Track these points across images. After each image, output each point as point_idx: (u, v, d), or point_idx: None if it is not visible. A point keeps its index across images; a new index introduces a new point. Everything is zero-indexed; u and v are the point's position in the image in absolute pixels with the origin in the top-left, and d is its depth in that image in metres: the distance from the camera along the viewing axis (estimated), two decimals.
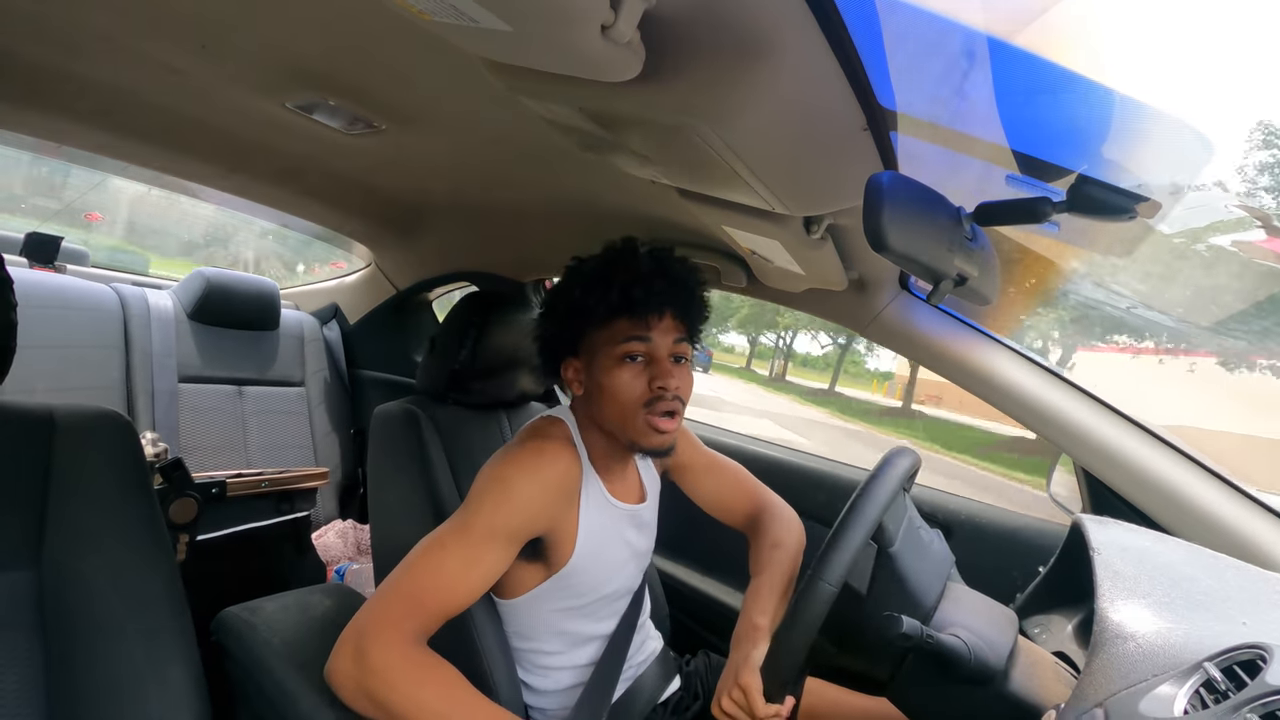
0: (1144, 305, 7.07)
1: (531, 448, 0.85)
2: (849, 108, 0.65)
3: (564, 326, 0.90)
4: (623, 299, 0.84)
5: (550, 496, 0.83)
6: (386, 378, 2.16)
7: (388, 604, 0.74)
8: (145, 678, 0.71)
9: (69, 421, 0.76)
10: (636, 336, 0.85)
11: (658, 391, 0.84)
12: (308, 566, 1.69)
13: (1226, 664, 0.50)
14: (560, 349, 0.92)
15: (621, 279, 0.84)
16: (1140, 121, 0.79)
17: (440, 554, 0.78)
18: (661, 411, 0.84)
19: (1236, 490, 0.95)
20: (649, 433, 0.85)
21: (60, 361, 1.58)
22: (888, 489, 0.73)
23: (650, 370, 0.85)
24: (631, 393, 0.84)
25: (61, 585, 0.70)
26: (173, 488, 1.29)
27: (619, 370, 0.85)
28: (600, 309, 0.85)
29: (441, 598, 0.76)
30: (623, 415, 0.85)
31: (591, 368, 0.88)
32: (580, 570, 0.89)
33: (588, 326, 0.88)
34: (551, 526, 0.86)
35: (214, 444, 1.80)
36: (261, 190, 1.59)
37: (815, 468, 1.49)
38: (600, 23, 0.49)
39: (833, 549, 0.69)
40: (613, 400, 0.85)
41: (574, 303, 0.87)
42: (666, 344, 0.86)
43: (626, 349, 0.85)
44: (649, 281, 0.84)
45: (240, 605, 0.96)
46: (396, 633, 0.72)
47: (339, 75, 0.90)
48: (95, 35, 0.89)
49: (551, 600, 0.90)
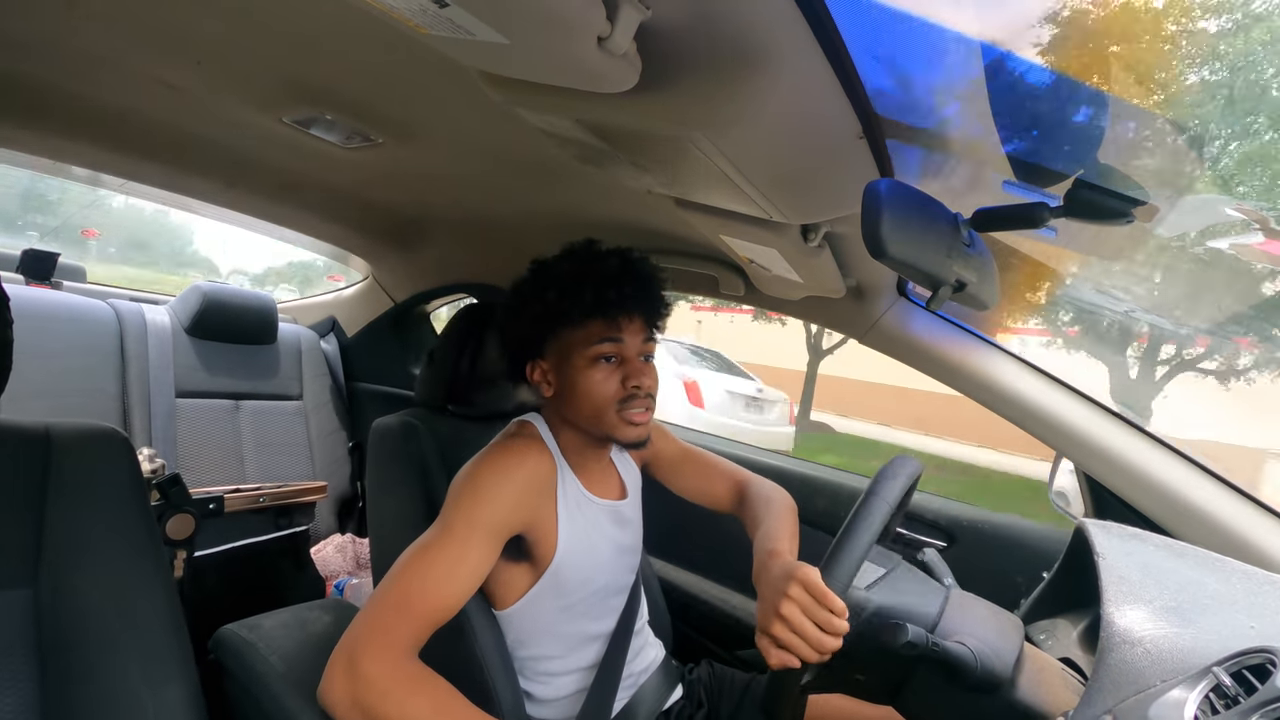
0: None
1: (499, 448, 0.88)
2: (845, 116, 0.66)
3: (532, 329, 0.90)
4: (597, 301, 0.86)
5: (522, 489, 0.84)
6: (384, 390, 2.15)
7: (376, 616, 0.74)
8: (142, 696, 0.70)
9: (66, 438, 0.75)
10: (609, 338, 0.87)
11: (632, 390, 0.87)
12: (306, 581, 1.68)
13: (1236, 668, 0.49)
14: (526, 351, 0.92)
15: (594, 281, 0.86)
16: (1136, 126, 0.80)
17: (423, 559, 0.78)
18: (635, 408, 0.87)
19: (1237, 491, 0.95)
20: (624, 426, 0.87)
21: (57, 378, 1.57)
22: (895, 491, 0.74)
23: (623, 370, 0.87)
24: (605, 392, 0.86)
25: (59, 603, 0.70)
26: (170, 504, 1.28)
27: (592, 371, 0.87)
28: (574, 311, 0.86)
29: (430, 602, 0.76)
30: (597, 413, 0.87)
31: (563, 368, 0.89)
32: (567, 565, 0.89)
33: (558, 328, 0.89)
34: (530, 521, 0.86)
35: (211, 459, 1.79)
36: (259, 205, 1.60)
37: (816, 475, 1.49)
38: (597, 34, 0.49)
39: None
40: (587, 399, 0.87)
41: (547, 305, 0.88)
42: (636, 344, 0.89)
43: (600, 350, 0.87)
44: (620, 283, 0.86)
45: (239, 622, 0.95)
46: (387, 643, 0.72)
47: (336, 90, 0.90)
48: (91, 53, 0.89)
49: (545, 601, 0.90)
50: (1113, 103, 0.74)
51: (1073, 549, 0.80)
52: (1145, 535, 0.75)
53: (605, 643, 0.96)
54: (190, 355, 1.84)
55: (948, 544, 1.27)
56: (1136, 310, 5.49)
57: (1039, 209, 0.63)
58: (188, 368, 1.81)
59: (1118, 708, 0.51)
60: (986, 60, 0.68)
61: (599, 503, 0.96)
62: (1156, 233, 2.96)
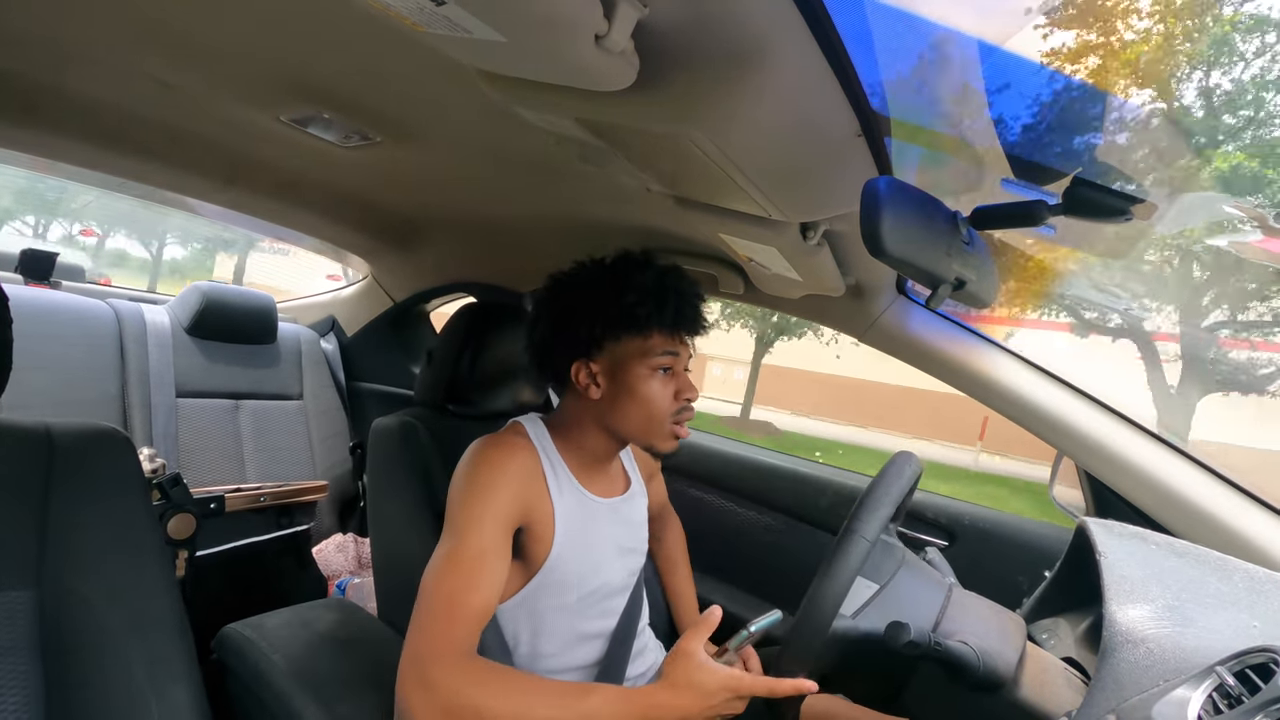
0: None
1: (486, 444, 0.90)
2: (843, 113, 0.65)
3: (592, 329, 0.90)
4: (676, 315, 0.90)
5: (516, 480, 0.86)
6: (384, 390, 2.15)
7: (429, 627, 0.76)
8: (146, 696, 0.70)
9: (67, 438, 0.75)
10: (671, 351, 0.90)
11: (684, 403, 0.91)
12: (308, 581, 1.68)
13: (1239, 668, 0.49)
14: (575, 350, 0.92)
15: (674, 296, 0.90)
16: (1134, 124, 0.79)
17: (449, 565, 0.79)
18: (684, 420, 0.92)
19: (1239, 490, 0.94)
20: (670, 439, 0.92)
21: (57, 378, 1.57)
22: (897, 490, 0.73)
23: (676, 382, 0.92)
24: (662, 403, 0.90)
25: (61, 603, 0.70)
26: (171, 503, 1.28)
27: (652, 380, 0.90)
28: (650, 321, 0.89)
29: (473, 601, 0.78)
30: (649, 422, 0.90)
31: (618, 374, 0.90)
32: (563, 562, 0.89)
33: (623, 333, 0.90)
34: (527, 512, 0.87)
35: (212, 459, 1.79)
36: (257, 204, 1.59)
37: (818, 474, 1.49)
38: (594, 32, 0.49)
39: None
40: (645, 407, 0.90)
41: (622, 309, 0.89)
42: (685, 359, 0.94)
43: (662, 362, 0.90)
44: (692, 301, 0.92)
45: (241, 622, 0.95)
46: (448, 648, 0.74)
47: (333, 88, 0.90)
48: (87, 51, 0.89)
49: (540, 598, 0.91)
50: (1111, 101, 0.74)
51: (1074, 548, 0.80)
52: (1147, 534, 0.74)
53: (605, 643, 0.96)
54: (190, 355, 1.84)
55: (949, 543, 1.27)
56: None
57: (1038, 207, 0.63)
58: (188, 367, 1.81)
59: (1121, 707, 0.51)
60: (985, 58, 0.68)
61: (599, 501, 0.96)
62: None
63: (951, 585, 0.78)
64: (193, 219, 2.80)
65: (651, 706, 0.73)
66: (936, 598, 0.74)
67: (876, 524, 0.70)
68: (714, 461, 1.63)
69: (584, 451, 0.95)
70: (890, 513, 0.73)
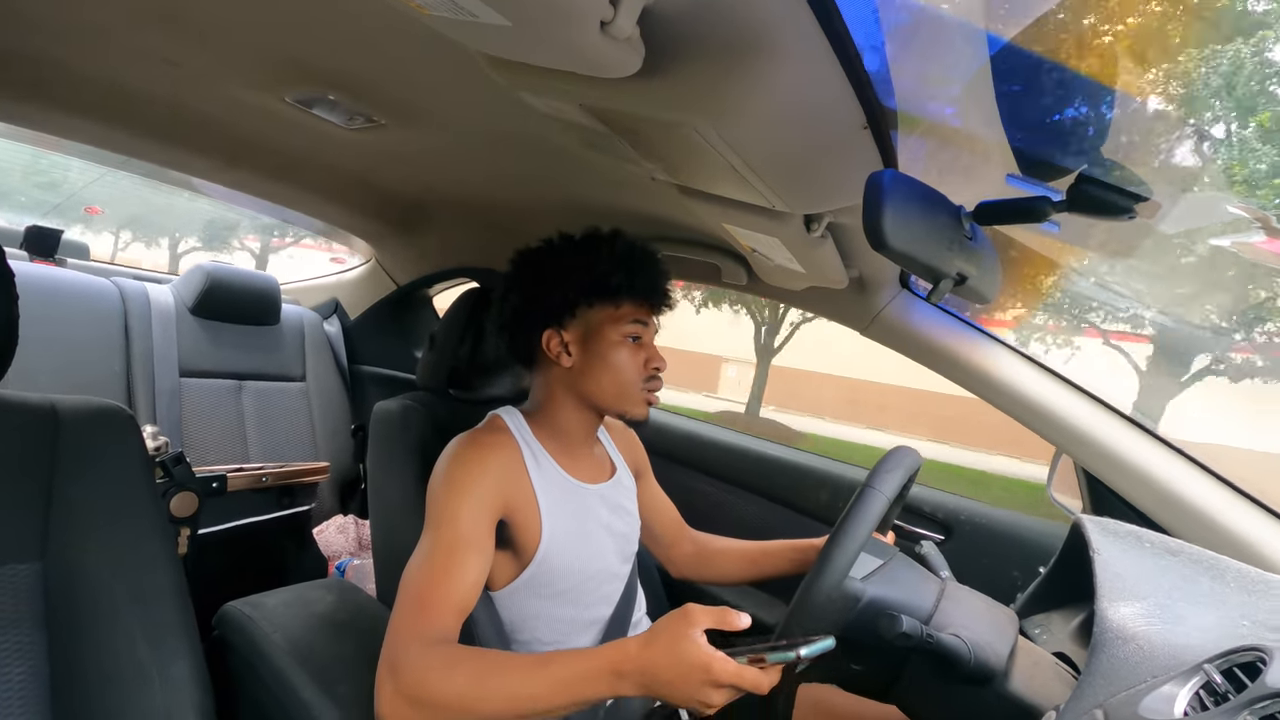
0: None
1: (464, 440, 0.90)
2: (849, 105, 0.65)
3: (564, 296, 0.92)
4: (647, 286, 0.92)
5: (494, 472, 0.86)
6: (386, 373, 2.16)
7: (399, 621, 0.76)
8: (148, 670, 0.71)
9: (72, 415, 0.76)
10: (641, 321, 0.93)
11: (653, 371, 0.94)
12: (308, 561, 1.69)
13: (1226, 666, 0.50)
14: (547, 317, 0.93)
15: (645, 267, 0.92)
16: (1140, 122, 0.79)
17: (424, 560, 0.80)
18: (654, 387, 0.95)
19: (1235, 490, 0.94)
20: (642, 405, 0.94)
21: (61, 355, 1.58)
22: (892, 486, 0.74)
23: (645, 351, 0.94)
24: (632, 370, 0.92)
25: (66, 577, 0.71)
26: (174, 481, 1.29)
27: (622, 348, 0.92)
28: (622, 290, 0.90)
29: (443, 593, 0.77)
30: (621, 388, 0.92)
31: (589, 342, 0.92)
32: (555, 552, 0.90)
33: (595, 301, 0.91)
34: (508, 502, 0.87)
35: (214, 438, 1.80)
36: (261, 185, 1.59)
37: (819, 467, 1.49)
38: (600, 19, 0.48)
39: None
40: (615, 374, 0.92)
41: (595, 278, 0.90)
42: (653, 331, 0.97)
43: (631, 330, 0.92)
44: (661, 274, 0.95)
45: (242, 600, 0.96)
46: (414, 638, 0.73)
47: (338, 70, 0.89)
48: (92, 29, 0.88)
49: (535, 587, 0.91)
50: (1119, 97, 0.73)
51: (1069, 545, 0.81)
52: (1141, 532, 0.75)
53: (600, 630, 0.97)
54: (194, 335, 1.84)
55: (945, 537, 1.28)
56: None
57: (1042, 203, 0.63)
58: (191, 347, 1.82)
59: (1108, 702, 0.52)
60: (993, 51, 0.67)
61: (586, 488, 0.96)
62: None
63: (946, 579, 0.79)
64: (211, 224, 2.73)
65: (618, 660, 0.65)
66: (930, 591, 0.75)
67: (893, 484, 0.73)
68: (712, 451, 1.63)
69: (562, 433, 0.96)
70: (904, 477, 0.76)
